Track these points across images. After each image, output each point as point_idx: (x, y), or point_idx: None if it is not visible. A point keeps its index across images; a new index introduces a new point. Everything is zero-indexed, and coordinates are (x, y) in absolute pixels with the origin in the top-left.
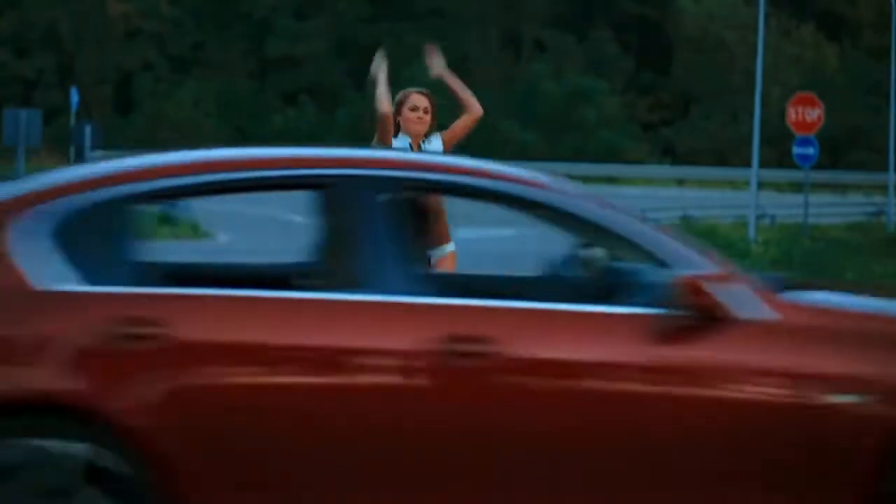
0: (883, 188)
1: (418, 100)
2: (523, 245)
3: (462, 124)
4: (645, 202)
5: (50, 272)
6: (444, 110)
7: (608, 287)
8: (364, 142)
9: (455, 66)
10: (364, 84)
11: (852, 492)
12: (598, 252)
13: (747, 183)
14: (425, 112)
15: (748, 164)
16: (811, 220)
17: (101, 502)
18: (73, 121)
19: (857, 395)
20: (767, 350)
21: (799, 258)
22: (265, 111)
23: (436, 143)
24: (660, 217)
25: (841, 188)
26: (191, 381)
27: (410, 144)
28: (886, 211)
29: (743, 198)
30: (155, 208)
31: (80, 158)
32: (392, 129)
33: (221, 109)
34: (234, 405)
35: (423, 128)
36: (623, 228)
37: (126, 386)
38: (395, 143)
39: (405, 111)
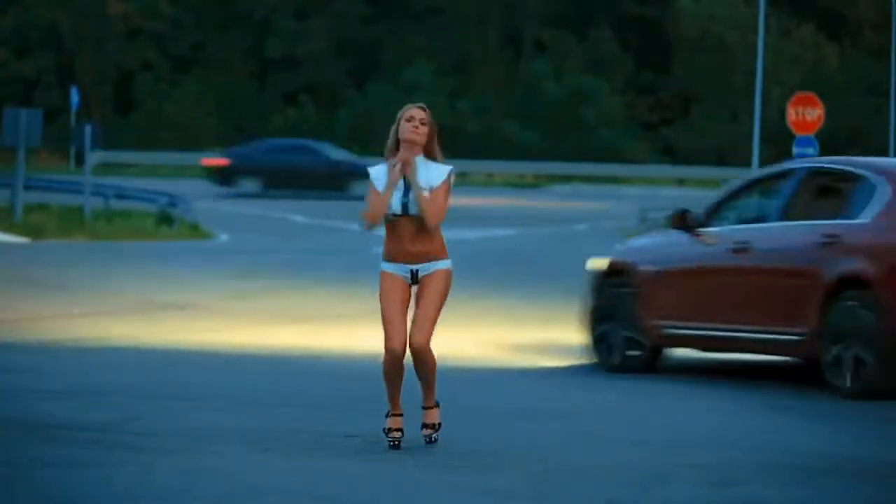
0: None
1: (415, 112)
2: (522, 245)
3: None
4: (645, 202)
5: None
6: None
7: None
8: (362, 141)
9: (455, 66)
10: (363, 84)
11: None
12: None
13: None
14: (422, 123)
15: (748, 164)
16: None
17: None
18: (73, 121)
19: None
20: None
21: None
22: (265, 111)
23: (431, 172)
24: (660, 216)
25: None
26: None
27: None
28: None
29: None
30: (155, 207)
31: (80, 158)
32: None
33: (221, 109)
34: None
35: (419, 138)
36: None
37: None
38: (383, 169)
39: (402, 123)
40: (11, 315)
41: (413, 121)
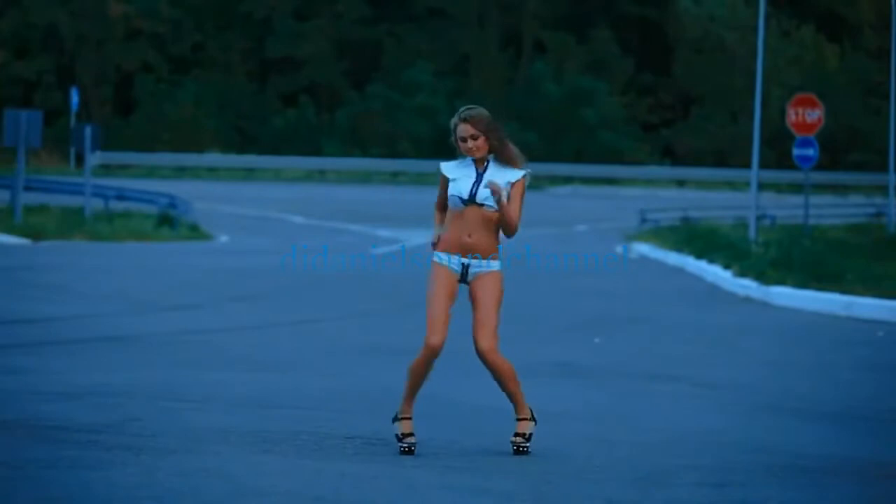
0: (883, 189)
1: (463, 129)
2: (522, 245)
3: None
4: (645, 203)
5: None
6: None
7: None
8: (361, 142)
9: (455, 67)
10: (363, 85)
11: None
12: None
13: (747, 184)
14: (473, 139)
15: (748, 165)
16: (811, 221)
17: None
18: (73, 122)
19: None
20: None
21: (799, 259)
22: (265, 111)
23: (505, 175)
24: (660, 218)
25: (841, 189)
26: None
27: (475, 165)
28: (886, 212)
29: (743, 199)
30: (155, 208)
31: (80, 160)
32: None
33: (221, 110)
34: None
35: (478, 153)
36: None
37: None
38: (455, 163)
39: (458, 141)
40: (11, 316)
41: (466, 142)
